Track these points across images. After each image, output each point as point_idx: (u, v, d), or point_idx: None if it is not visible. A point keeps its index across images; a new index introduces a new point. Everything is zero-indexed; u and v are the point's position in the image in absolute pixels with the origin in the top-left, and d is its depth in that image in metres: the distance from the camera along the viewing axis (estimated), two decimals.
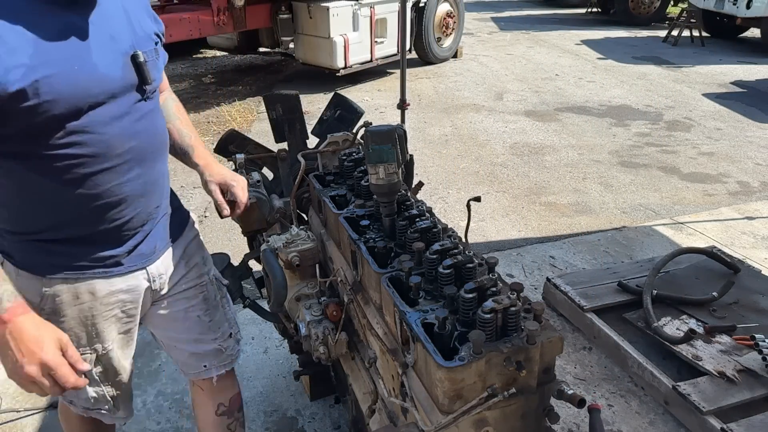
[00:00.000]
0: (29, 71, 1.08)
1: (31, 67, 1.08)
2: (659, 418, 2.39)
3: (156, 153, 1.38)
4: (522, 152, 5.36)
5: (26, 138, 1.15)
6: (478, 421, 1.21)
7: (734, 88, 7.39)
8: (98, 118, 1.20)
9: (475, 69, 8.41)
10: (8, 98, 1.07)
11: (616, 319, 2.83)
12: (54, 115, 1.13)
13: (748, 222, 4.05)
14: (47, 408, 2.47)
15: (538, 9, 14.49)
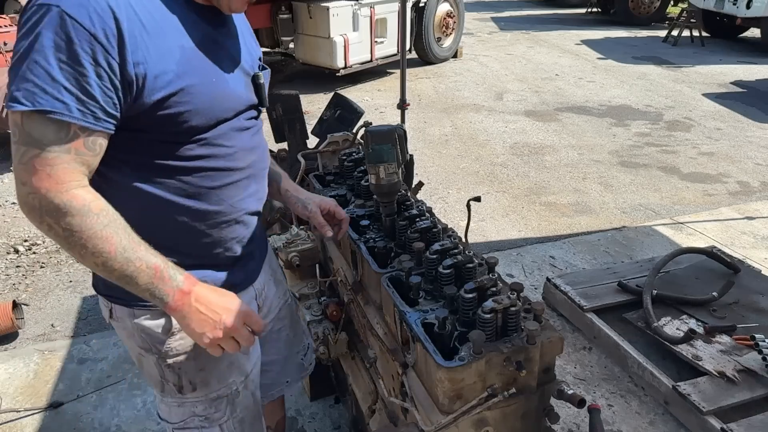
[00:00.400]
0: (176, 78, 1.06)
1: (178, 75, 1.06)
2: (659, 418, 2.39)
3: (266, 170, 1.37)
4: (522, 152, 5.36)
5: (158, 149, 1.11)
6: (478, 421, 1.21)
7: (734, 88, 7.39)
8: (225, 132, 1.18)
9: (475, 69, 8.41)
10: (152, 105, 1.04)
11: (616, 319, 2.83)
12: (191, 126, 1.11)
13: (748, 222, 4.05)
14: (47, 408, 2.47)
15: (538, 9, 14.49)
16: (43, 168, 0.96)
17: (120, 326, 1.26)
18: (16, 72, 0.95)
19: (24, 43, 0.95)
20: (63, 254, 3.69)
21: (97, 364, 2.73)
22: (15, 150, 0.98)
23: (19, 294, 3.29)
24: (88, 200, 1.00)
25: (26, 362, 2.74)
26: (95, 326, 3.03)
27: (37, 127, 0.95)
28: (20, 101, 0.94)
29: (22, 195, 0.99)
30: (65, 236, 0.99)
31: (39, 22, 0.94)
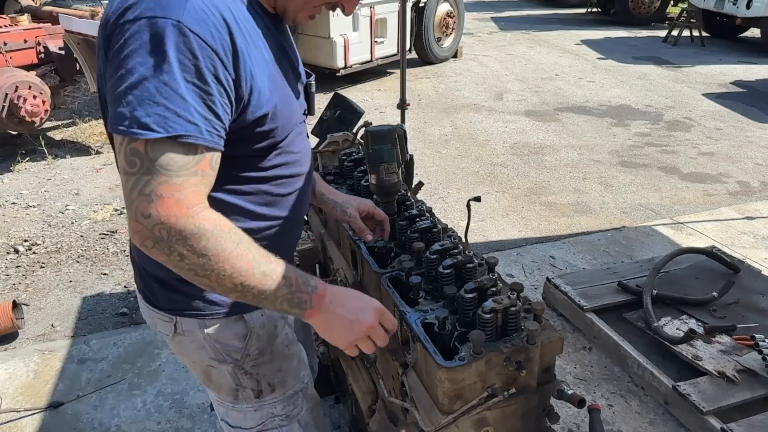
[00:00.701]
0: (270, 95, 1.03)
1: (270, 90, 1.03)
2: (659, 418, 2.39)
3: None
4: (522, 152, 5.35)
5: (243, 162, 1.09)
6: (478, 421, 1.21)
7: (734, 88, 7.39)
8: (293, 139, 1.17)
9: (475, 69, 8.41)
10: (251, 122, 1.01)
11: (616, 319, 2.83)
12: (275, 140, 1.09)
13: (748, 222, 4.04)
14: (47, 408, 2.47)
15: (538, 9, 14.49)
16: (171, 195, 0.89)
17: (186, 340, 1.19)
18: (137, 94, 0.87)
19: (138, 61, 0.87)
20: (63, 254, 3.69)
21: (97, 364, 2.73)
22: (132, 181, 0.89)
23: (19, 294, 3.29)
24: (217, 220, 0.94)
25: (26, 362, 2.74)
26: (95, 326, 3.03)
27: (165, 154, 0.88)
28: (151, 128, 0.86)
29: (145, 228, 0.90)
30: (202, 263, 0.93)
31: (159, 39, 0.87)
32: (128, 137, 0.88)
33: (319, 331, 1.10)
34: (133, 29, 0.88)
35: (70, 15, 5.05)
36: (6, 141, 5.57)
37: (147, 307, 1.22)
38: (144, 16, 0.88)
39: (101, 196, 4.49)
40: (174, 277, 1.09)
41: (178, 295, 1.14)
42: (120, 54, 0.89)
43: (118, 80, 0.89)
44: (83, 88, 6.67)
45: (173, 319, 1.18)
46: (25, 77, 4.67)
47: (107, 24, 0.94)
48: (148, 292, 1.19)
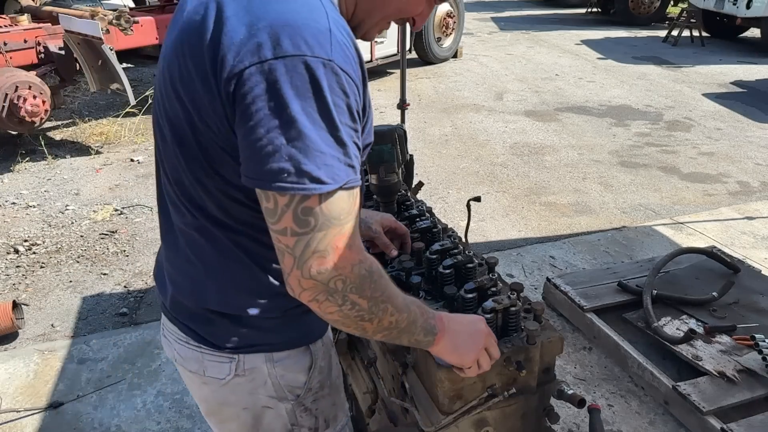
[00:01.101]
0: (370, 125, 0.98)
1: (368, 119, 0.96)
2: (659, 418, 2.39)
3: None
4: (522, 152, 5.35)
5: None
6: (478, 422, 1.21)
7: (734, 88, 7.39)
8: None
9: (475, 69, 8.41)
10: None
11: (616, 319, 2.83)
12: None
13: (748, 222, 4.04)
14: (47, 408, 2.47)
15: (538, 9, 14.48)
16: (344, 244, 0.84)
17: (244, 381, 1.08)
18: (302, 146, 0.78)
19: (296, 109, 0.78)
20: (63, 254, 3.69)
21: (97, 364, 2.73)
22: (305, 242, 0.82)
23: (19, 294, 3.29)
24: (374, 259, 0.90)
25: (26, 362, 2.75)
26: (95, 326, 3.03)
27: (336, 204, 0.82)
28: (324, 181, 0.79)
29: (319, 284, 0.84)
30: (370, 307, 0.89)
31: (314, 81, 0.79)
32: (299, 195, 0.79)
33: (446, 354, 1.08)
34: (278, 70, 0.78)
35: (70, 15, 5.05)
36: (6, 141, 5.57)
37: (196, 349, 1.08)
38: (290, 54, 0.78)
39: (101, 196, 4.49)
40: (247, 311, 1.02)
41: (247, 329, 1.04)
42: (266, 99, 0.79)
43: (270, 131, 0.79)
44: (83, 88, 6.68)
45: (234, 359, 1.06)
46: (25, 77, 4.67)
47: (224, 63, 0.81)
48: (204, 331, 1.06)
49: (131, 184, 4.70)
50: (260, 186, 0.82)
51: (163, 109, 0.96)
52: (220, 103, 0.84)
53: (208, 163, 0.91)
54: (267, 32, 0.79)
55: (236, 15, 0.82)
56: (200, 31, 0.85)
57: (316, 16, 0.81)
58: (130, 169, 4.99)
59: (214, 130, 0.87)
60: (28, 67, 5.05)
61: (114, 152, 5.37)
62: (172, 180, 1.00)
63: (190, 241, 1.03)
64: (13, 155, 5.22)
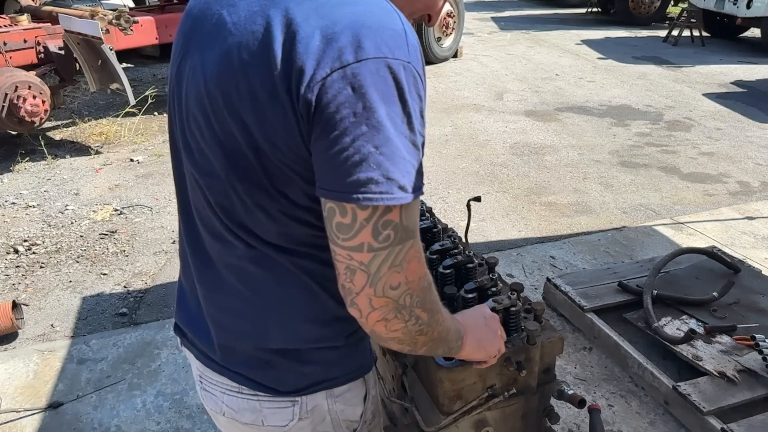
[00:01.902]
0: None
1: None
2: (659, 419, 2.39)
3: None
4: (522, 152, 5.35)
5: None
6: (478, 422, 1.21)
7: (734, 88, 7.39)
8: None
9: (475, 69, 8.40)
10: None
11: (617, 319, 2.82)
12: None
13: (748, 222, 4.04)
14: (47, 408, 2.47)
15: (538, 9, 14.48)
16: (416, 256, 0.81)
17: (308, 423, 1.02)
18: (389, 153, 0.74)
19: (383, 113, 0.74)
20: (63, 254, 3.69)
21: (97, 365, 2.73)
22: (382, 257, 0.77)
23: (19, 294, 3.29)
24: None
25: (26, 362, 2.74)
26: (95, 326, 3.03)
27: (413, 214, 0.79)
28: (407, 190, 0.76)
29: (391, 301, 0.80)
30: (428, 318, 0.86)
31: (398, 84, 0.75)
32: (382, 206, 0.75)
33: (471, 353, 1.06)
34: (362, 73, 0.74)
35: (69, 15, 5.05)
36: (6, 141, 5.57)
37: (252, 398, 1.00)
38: (372, 56, 0.74)
39: (101, 196, 4.49)
40: (311, 343, 0.97)
41: (308, 367, 0.98)
42: (352, 105, 0.74)
43: (357, 138, 0.74)
44: (83, 88, 6.68)
45: (297, 402, 0.99)
46: (24, 77, 4.67)
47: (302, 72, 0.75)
48: (262, 377, 0.99)
49: (131, 184, 4.70)
50: (341, 199, 0.76)
51: (209, 130, 0.87)
52: (294, 118, 0.78)
53: (272, 185, 0.85)
54: (347, 36, 0.74)
55: (307, 21, 0.77)
56: (266, 43, 0.78)
57: (391, 18, 0.78)
58: (129, 169, 4.99)
59: (283, 149, 0.81)
60: (28, 67, 5.05)
61: (114, 152, 5.37)
62: (218, 209, 0.91)
63: (243, 275, 0.94)
64: (12, 155, 5.22)
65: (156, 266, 3.57)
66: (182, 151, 0.96)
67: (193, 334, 1.08)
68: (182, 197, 1.02)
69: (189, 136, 0.92)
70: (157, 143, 5.58)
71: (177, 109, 0.95)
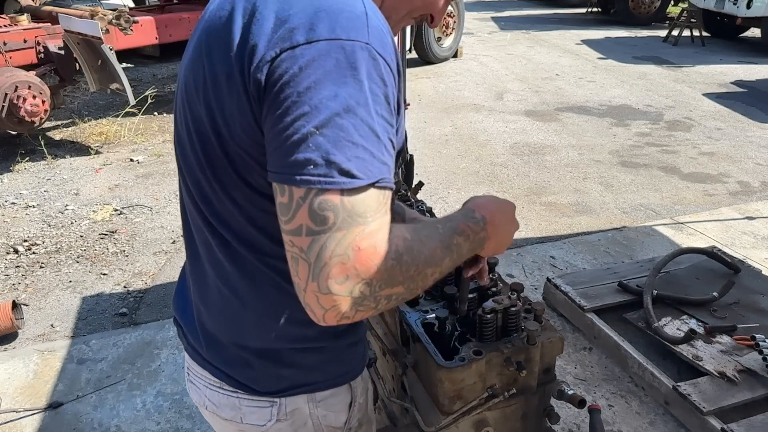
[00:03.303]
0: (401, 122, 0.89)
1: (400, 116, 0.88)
2: (659, 419, 2.39)
3: None
4: (522, 152, 5.35)
5: None
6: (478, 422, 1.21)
7: (735, 88, 7.39)
8: None
9: (476, 69, 8.40)
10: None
11: (617, 319, 2.82)
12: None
13: (748, 222, 4.04)
14: (47, 408, 2.46)
15: (538, 9, 14.48)
16: (369, 245, 0.72)
17: (287, 425, 1.01)
18: (331, 135, 0.71)
19: (327, 94, 0.71)
20: (62, 254, 3.69)
21: (97, 365, 2.73)
22: (321, 242, 0.70)
23: (19, 294, 3.29)
24: (399, 233, 0.78)
25: (26, 362, 2.74)
26: (95, 326, 3.03)
27: (363, 202, 0.72)
28: (354, 174, 0.71)
29: (342, 298, 0.72)
30: (408, 287, 0.79)
31: (350, 65, 0.72)
32: (316, 188, 0.70)
33: (488, 251, 1.00)
34: (311, 54, 0.72)
35: (69, 15, 5.05)
36: (5, 141, 5.57)
37: (232, 394, 1.00)
38: (324, 38, 0.72)
39: (101, 196, 4.48)
40: (289, 347, 0.95)
41: (287, 369, 0.97)
42: (297, 85, 0.72)
43: (298, 119, 0.71)
44: (83, 88, 6.68)
45: (276, 403, 0.98)
46: (24, 77, 4.67)
47: (253, 52, 0.75)
48: (242, 376, 0.98)
49: (131, 184, 4.69)
50: (281, 180, 0.73)
51: (186, 119, 0.89)
52: (246, 99, 0.77)
53: (235, 171, 0.84)
54: (300, 18, 0.74)
55: (266, 4, 0.78)
56: (227, 26, 0.80)
57: (351, 1, 0.77)
58: (129, 169, 4.99)
59: (240, 133, 0.80)
60: (28, 66, 5.05)
61: (113, 152, 5.37)
62: (197, 198, 0.91)
63: (222, 272, 0.94)
64: (12, 155, 5.22)
65: (156, 266, 3.56)
66: (175, 142, 0.97)
67: (184, 325, 1.09)
68: (180, 192, 1.04)
69: (179, 126, 0.94)
70: (157, 143, 5.57)
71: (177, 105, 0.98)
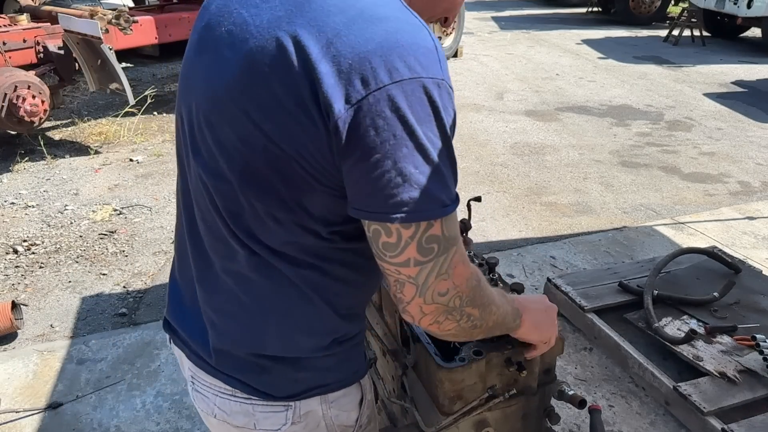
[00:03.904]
0: None
1: None
2: (660, 419, 2.39)
3: None
4: (522, 152, 5.35)
5: None
6: (478, 422, 1.20)
7: (735, 88, 7.38)
8: None
9: (476, 68, 8.40)
10: None
11: (617, 319, 2.82)
12: None
13: (749, 222, 4.04)
14: (46, 408, 2.46)
15: (538, 8, 14.48)
16: (461, 260, 0.83)
17: (301, 427, 1.01)
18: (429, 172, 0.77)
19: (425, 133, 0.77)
20: (62, 255, 3.69)
21: (97, 365, 2.72)
22: (428, 269, 0.80)
23: (18, 294, 3.29)
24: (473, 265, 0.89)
25: (25, 363, 2.74)
26: (94, 327, 3.02)
27: (453, 224, 0.81)
28: (447, 203, 0.79)
29: (440, 306, 0.83)
30: (481, 313, 0.89)
31: (433, 102, 0.78)
32: (424, 223, 0.77)
33: (529, 334, 1.08)
34: (399, 95, 0.74)
35: (69, 14, 5.05)
36: (5, 141, 5.57)
37: (245, 401, 0.99)
38: (405, 77, 0.74)
39: (100, 196, 4.48)
40: (308, 352, 0.97)
41: (303, 373, 0.98)
42: (392, 129, 0.74)
43: (400, 162, 0.75)
44: (82, 88, 6.67)
45: (290, 406, 0.99)
46: (24, 77, 4.67)
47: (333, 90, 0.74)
48: (256, 382, 0.98)
49: (130, 184, 4.69)
50: (385, 219, 0.77)
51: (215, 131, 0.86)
52: (326, 133, 0.77)
53: (287, 192, 0.83)
54: (379, 55, 0.74)
55: (339, 36, 0.75)
56: (292, 52, 0.77)
57: (422, 35, 0.78)
58: (129, 169, 4.98)
59: (307, 158, 0.79)
60: (28, 66, 5.04)
61: (113, 152, 5.37)
62: (225, 213, 0.89)
63: (242, 281, 0.93)
64: (12, 155, 5.22)
65: (155, 266, 3.56)
66: (189, 149, 0.94)
67: (186, 333, 1.07)
68: (185, 195, 1.00)
69: (198, 135, 0.90)
70: (157, 143, 5.57)
71: (186, 106, 0.93)
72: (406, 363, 1.33)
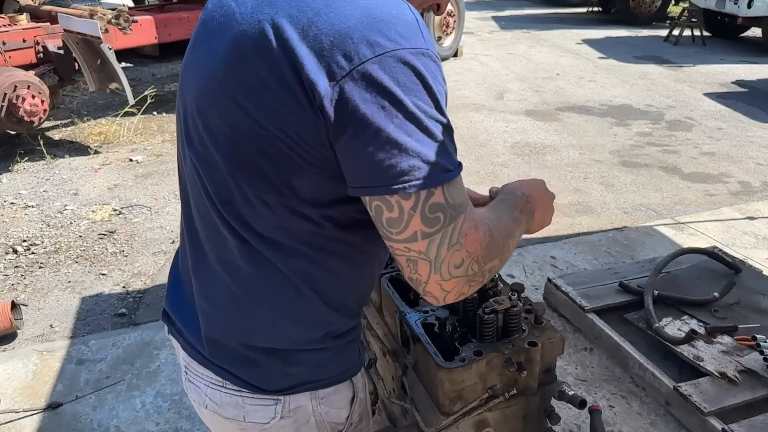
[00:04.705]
0: None
1: None
2: (660, 419, 2.38)
3: None
4: (523, 152, 5.34)
5: None
6: (478, 423, 1.20)
7: (735, 88, 7.38)
8: None
9: (476, 68, 8.39)
10: None
11: (617, 319, 2.81)
12: None
13: (749, 222, 4.03)
14: (46, 409, 2.46)
15: (538, 8, 14.47)
16: (471, 227, 0.81)
17: (290, 422, 1.01)
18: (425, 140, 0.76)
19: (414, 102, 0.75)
20: (62, 255, 3.68)
21: (96, 365, 2.72)
22: (438, 241, 0.78)
23: (18, 294, 3.28)
24: (484, 216, 0.88)
25: (25, 363, 2.74)
26: (94, 327, 3.02)
27: (458, 190, 0.79)
28: (448, 168, 0.77)
29: (461, 279, 0.82)
30: (502, 258, 0.88)
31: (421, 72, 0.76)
32: (425, 191, 0.75)
33: (537, 223, 1.13)
34: (383, 68, 0.74)
35: (69, 14, 5.04)
36: (5, 141, 5.56)
37: (235, 393, 1.00)
38: (388, 50, 0.75)
39: (100, 196, 4.48)
40: (298, 344, 0.97)
41: (293, 367, 0.98)
42: (380, 103, 0.74)
43: (393, 134, 0.75)
44: (82, 88, 6.67)
45: (280, 400, 0.99)
46: (24, 77, 4.67)
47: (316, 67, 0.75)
48: (246, 374, 0.99)
49: (130, 184, 4.69)
50: (385, 192, 0.76)
51: (206, 121, 0.88)
52: (313, 113, 0.77)
53: (276, 175, 0.84)
54: (360, 31, 0.75)
55: (318, 15, 0.76)
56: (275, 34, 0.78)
57: (401, 8, 0.79)
58: (128, 169, 4.98)
59: (294, 138, 0.80)
60: (27, 66, 5.04)
61: (113, 152, 5.36)
62: (216, 200, 0.91)
63: (234, 271, 0.94)
64: (11, 155, 5.21)
65: (155, 266, 3.56)
66: (184, 140, 0.96)
67: (181, 323, 1.08)
68: (184, 188, 1.02)
69: (191, 125, 0.92)
70: (157, 143, 5.57)
71: (183, 100, 0.96)
72: (406, 363, 1.33)
